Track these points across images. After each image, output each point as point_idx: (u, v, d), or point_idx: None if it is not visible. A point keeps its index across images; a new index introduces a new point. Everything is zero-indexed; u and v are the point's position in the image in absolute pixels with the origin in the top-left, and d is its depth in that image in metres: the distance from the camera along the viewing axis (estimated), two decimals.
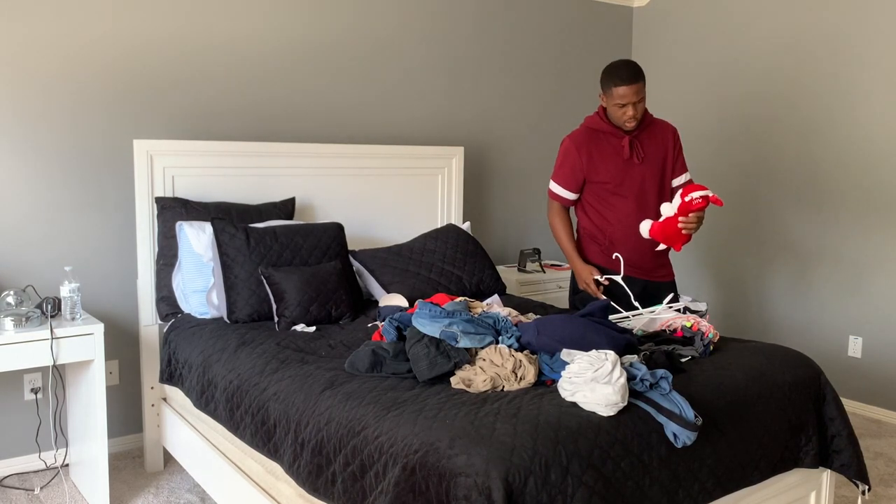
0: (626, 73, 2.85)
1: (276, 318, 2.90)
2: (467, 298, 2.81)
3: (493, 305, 2.72)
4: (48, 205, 3.20)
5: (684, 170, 3.15)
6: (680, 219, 2.80)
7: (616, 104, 2.91)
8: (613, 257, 3.03)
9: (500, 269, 4.37)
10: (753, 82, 4.46)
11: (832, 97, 4.10)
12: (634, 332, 2.51)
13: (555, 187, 3.14)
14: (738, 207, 4.59)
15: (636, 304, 2.84)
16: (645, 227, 2.93)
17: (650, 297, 3.10)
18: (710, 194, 2.73)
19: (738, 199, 4.59)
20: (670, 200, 2.92)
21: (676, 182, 3.14)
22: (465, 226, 3.80)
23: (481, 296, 3.44)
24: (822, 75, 4.13)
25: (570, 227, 3.18)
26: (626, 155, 3.00)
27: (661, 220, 2.87)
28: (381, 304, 3.14)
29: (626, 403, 1.90)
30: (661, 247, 3.01)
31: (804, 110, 4.23)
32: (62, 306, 2.79)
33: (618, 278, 2.93)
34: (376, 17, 3.96)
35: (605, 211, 3.07)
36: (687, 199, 2.74)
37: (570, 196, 3.12)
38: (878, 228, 3.97)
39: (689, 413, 1.91)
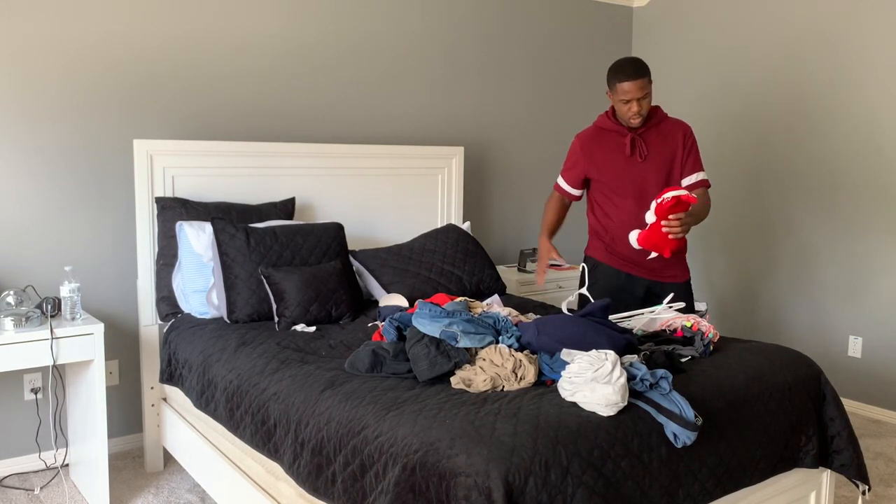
0: (630, 68, 2.86)
1: (276, 318, 2.90)
2: (467, 298, 2.81)
3: (493, 305, 2.72)
4: (48, 205, 3.20)
5: (696, 169, 3.03)
6: (662, 222, 2.73)
7: (621, 100, 2.91)
8: (580, 267, 3.05)
9: (500, 269, 4.37)
10: (754, 82, 4.46)
11: (832, 98, 4.10)
12: (634, 332, 2.51)
13: (559, 180, 3.22)
14: (738, 208, 4.59)
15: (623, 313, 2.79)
16: (633, 237, 2.86)
17: (657, 299, 3.04)
18: (682, 194, 2.64)
19: (738, 199, 4.59)
20: None
21: (686, 181, 3.04)
22: (465, 226, 3.80)
23: (481, 296, 3.44)
24: (825, 75, 4.13)
25: (558, 209, 3.21)
26: (627, 153, 3.00)
27: (646, 228, 2.84)
28: (381, 304, 3.14)
29: (626, 403, 1.90)
30: (653, 255, 2.97)
31: (804, 111, 4.23)
32: (62, 306, 2.79)
33: (583, 290, 2.91)
34: (376, 17, 3.96)
35: (608, 209, 3.08)
36: (659, 200, 2.68)
37: (571, 191, 3.18)
38: (878, 229, 3.97)
39: (689, 413, 1.91)
